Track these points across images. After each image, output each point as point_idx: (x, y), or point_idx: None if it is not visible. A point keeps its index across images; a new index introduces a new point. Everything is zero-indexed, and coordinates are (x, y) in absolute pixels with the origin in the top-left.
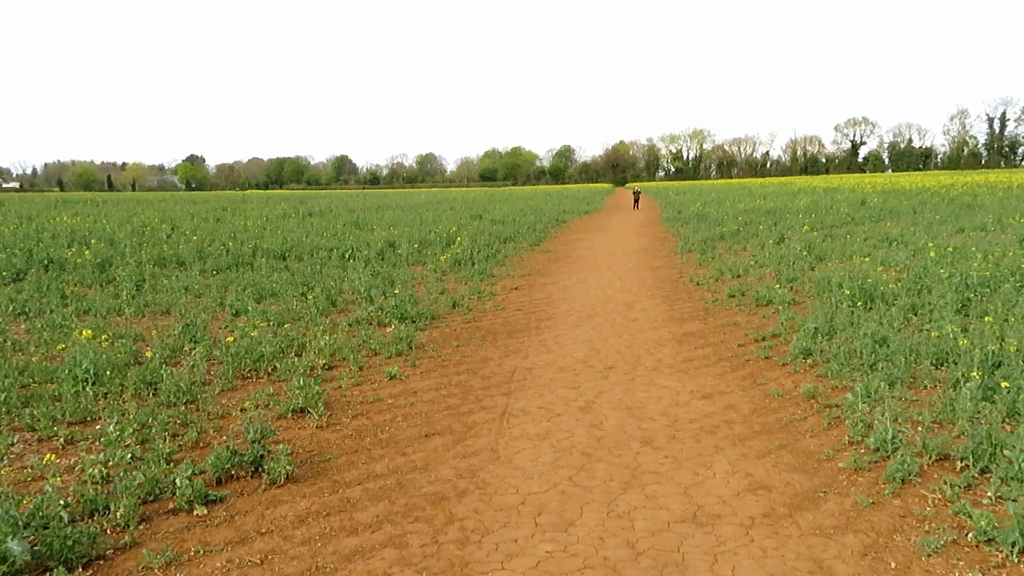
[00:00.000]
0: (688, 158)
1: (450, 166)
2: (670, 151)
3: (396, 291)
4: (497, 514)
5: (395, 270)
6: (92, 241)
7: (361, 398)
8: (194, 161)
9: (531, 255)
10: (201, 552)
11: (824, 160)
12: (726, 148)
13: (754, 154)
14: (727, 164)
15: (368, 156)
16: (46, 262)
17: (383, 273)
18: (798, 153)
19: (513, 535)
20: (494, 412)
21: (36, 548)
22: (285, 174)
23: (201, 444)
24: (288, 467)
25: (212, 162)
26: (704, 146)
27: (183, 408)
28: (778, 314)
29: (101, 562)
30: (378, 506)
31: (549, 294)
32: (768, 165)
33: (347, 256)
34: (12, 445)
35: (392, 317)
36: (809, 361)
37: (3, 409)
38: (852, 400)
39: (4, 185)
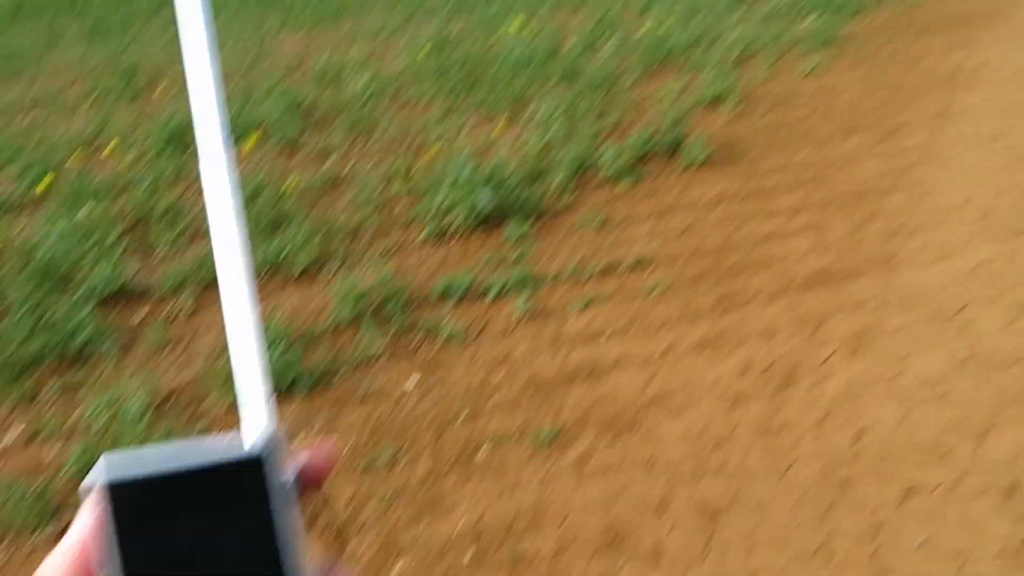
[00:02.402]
0: None
1: None
2: None
3: None
4: (928, 213)
5: None
6: None
7: (775, 93)
8: None
9: None
10: (626, 220)
11: None
12: None
13: None
14: None
15: None
16: None
17: None
18: None
19: (947, 236)
20: (927, 113)
21: (495, 202)
22: None
23: (620, 127)
24: (704, 151)
25: None
26: None
27: (602, 96)
28: None
29: (545, 217)
30: (793, 196)
31: None
32: None
33: None
34: (464, 122)
35: (812, 7)
36: None
37: (457, 89)
38: None
39: None
